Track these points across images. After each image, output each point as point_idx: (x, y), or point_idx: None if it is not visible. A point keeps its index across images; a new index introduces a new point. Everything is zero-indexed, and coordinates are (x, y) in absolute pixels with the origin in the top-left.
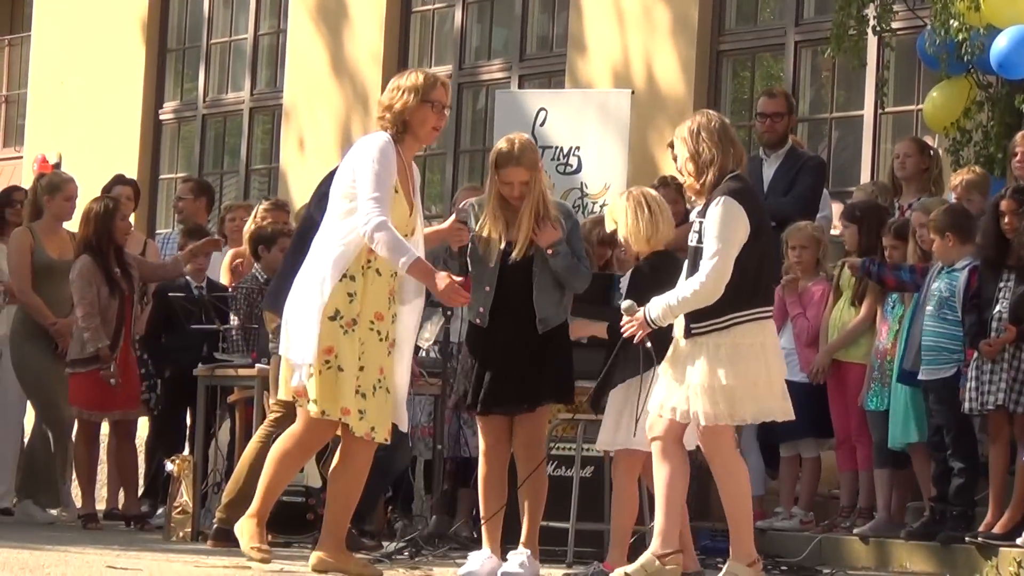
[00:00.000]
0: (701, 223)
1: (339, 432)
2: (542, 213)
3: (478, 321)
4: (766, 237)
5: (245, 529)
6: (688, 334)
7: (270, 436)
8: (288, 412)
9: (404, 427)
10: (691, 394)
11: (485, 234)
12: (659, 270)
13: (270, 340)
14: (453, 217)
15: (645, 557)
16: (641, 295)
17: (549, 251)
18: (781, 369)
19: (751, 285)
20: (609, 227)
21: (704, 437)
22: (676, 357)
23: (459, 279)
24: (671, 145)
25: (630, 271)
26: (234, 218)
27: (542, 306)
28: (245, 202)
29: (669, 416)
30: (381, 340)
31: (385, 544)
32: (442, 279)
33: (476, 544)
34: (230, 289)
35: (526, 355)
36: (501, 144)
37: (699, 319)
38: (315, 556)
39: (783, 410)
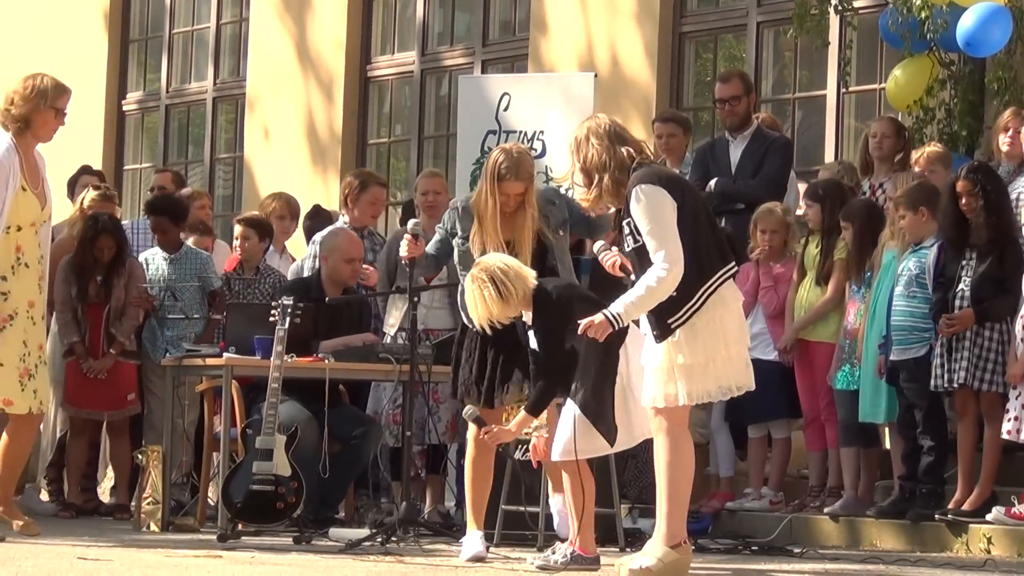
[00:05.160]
0: (630, 223)
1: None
2: (538, 226)
3: (471, 325)
4: (692, 200)
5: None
6: (667, 332)
7: None
8: None
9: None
10: (650, 378)
11: (479, 245)
12: (548, 310)
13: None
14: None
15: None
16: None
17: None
18: (741, 339)
19: (705, 254)
20: (477, 316)
21: (656, 416)
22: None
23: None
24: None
25: (530, 329)
26: (202, 206)
27: None
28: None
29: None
30: (34, 324)
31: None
32: None
33: (447, 530)
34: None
35: (525, 348)
36: (499, 157)
37: (672, 312)
38: None
39: (744, 383)
